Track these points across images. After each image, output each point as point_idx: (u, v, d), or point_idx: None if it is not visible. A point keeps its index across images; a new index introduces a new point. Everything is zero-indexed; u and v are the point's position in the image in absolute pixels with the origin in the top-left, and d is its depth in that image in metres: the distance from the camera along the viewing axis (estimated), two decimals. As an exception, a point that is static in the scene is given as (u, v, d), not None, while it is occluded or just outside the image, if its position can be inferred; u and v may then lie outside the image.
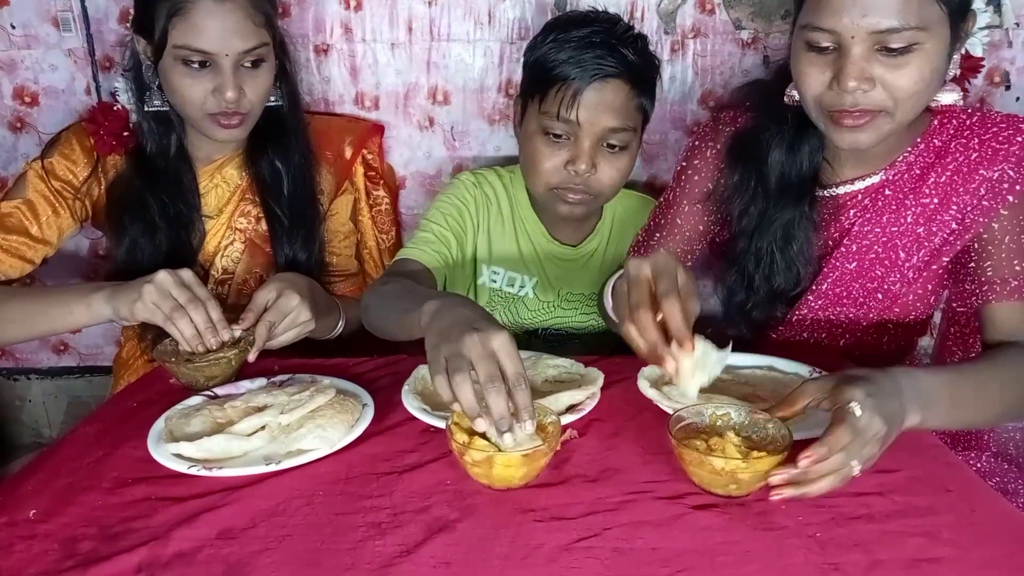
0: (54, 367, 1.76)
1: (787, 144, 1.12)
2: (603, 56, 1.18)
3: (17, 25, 1.50)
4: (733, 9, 1.48)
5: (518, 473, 0.77)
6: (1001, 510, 0.76)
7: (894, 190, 1.11)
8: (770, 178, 1.14)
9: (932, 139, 1.10)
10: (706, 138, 1.23)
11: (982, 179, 1.06)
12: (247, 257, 1.36)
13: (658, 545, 0.70)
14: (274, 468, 0.82)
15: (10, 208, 1.23)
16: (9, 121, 1.56)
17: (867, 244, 1.14)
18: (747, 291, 1.19)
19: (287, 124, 1.33)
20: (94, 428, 0.95)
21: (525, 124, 1.28)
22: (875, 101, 0.96)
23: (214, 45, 1.15)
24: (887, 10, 0.91)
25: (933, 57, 0.95)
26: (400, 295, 1.03)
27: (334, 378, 1.02)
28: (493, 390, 0.75)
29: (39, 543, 0.72)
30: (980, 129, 1.07)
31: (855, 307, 1.18)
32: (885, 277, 1.14)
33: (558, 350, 1.12)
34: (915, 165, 1.10)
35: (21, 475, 0.84)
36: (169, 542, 0.71)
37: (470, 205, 1.35)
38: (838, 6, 0.93)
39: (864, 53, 0.94)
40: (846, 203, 1.15)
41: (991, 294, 1.06)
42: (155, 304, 1.02)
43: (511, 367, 0.76)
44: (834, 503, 0.75)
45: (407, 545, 0.70)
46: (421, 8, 1.50)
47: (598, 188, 1.25)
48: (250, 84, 1.20)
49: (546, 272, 1.39)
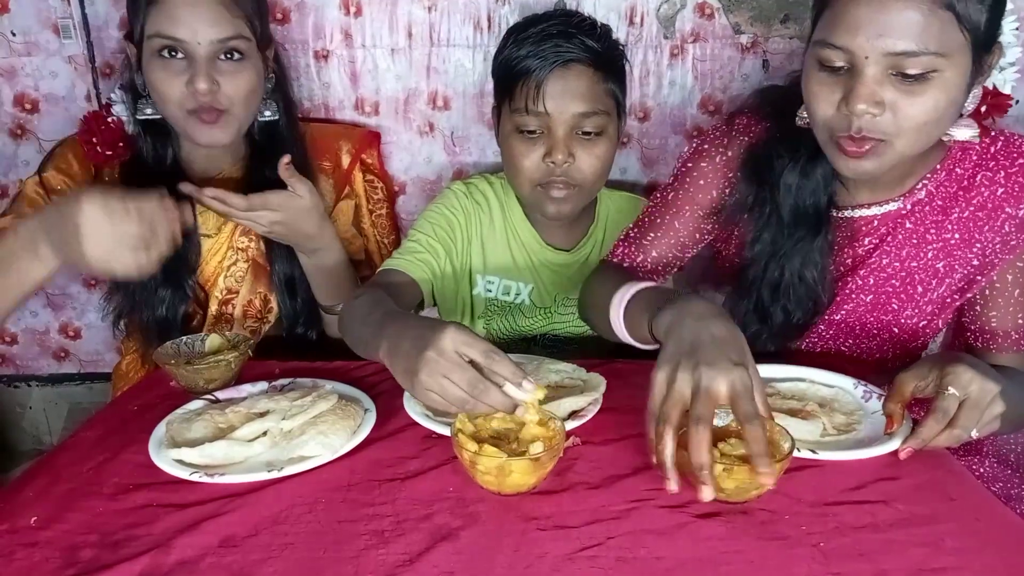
0: (54, 374, 1.76)
1: (800, 167, 1.06)
2: (560, 44, 1.19)
3: (17, 32, 1.50)
4: (732, 14, 1.48)
5: (531, 479, 0.77)
6: (1004, 518, 0.76)
7: (915, 223, 1.07)
8: (783, 204, 1.08)
9: (954, 167, 1.05)
10: (717, 142, 1.15)
11: (1007, 217, 1.02)
12: (251, 277, 1.35)
13: (662, 554, 0.70)
14: (276, 475, 0.82)
15: (7, 223, 1.17)
16: (9, 128, 1.56)
17: (885, 277, 1.10)
18: (760, 322, 1.13)
19: (284, 140, 1.32)
20: (94, 433, 0.95)
21: (501, 128, 1.29)
22: (880, 128, 0.91)
23: (186, 32, 1.14)
24: (905, 32, 0.86)
25: (950, 88, 0.89)
26: (364, 318, 1.00)
27: (336, 382, 1.03)
28: (482, 393, 0.79)
29: (40, 551, 0.72)
30: (1005, 160, 1.02)
31: (867, 338, 1.15)
32: (901, 311, 1.12)
33: (557, 356, 1.12)
34: (936, 196, 1.06)
35: (22, 481, 0.84)
36: (171, 550, 0.71)
37: (459, 215, 1.35)
38: (853, 24, 0.88)
39: (877, 75, 0.89)
40: (861, 228, 1.10)
41: (992, 344, 1.08)
42: None
43: (476, 351, 0.80)
44: (838, 512, 0.75)
45: (410, 554, 0.70)
46: (421, 13, 1.50)
47: (580, 178, 1.24)
48: (228, 79, 1.18)
49: (541, 278, 1.39)
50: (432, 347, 0.80)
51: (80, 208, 0.90)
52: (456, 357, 0.80)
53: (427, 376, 0.80)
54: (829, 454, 0.84)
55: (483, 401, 0.80)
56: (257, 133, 1.31)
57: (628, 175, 1.60)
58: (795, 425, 0.88)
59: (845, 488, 0.79)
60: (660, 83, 1.53)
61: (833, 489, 0.79)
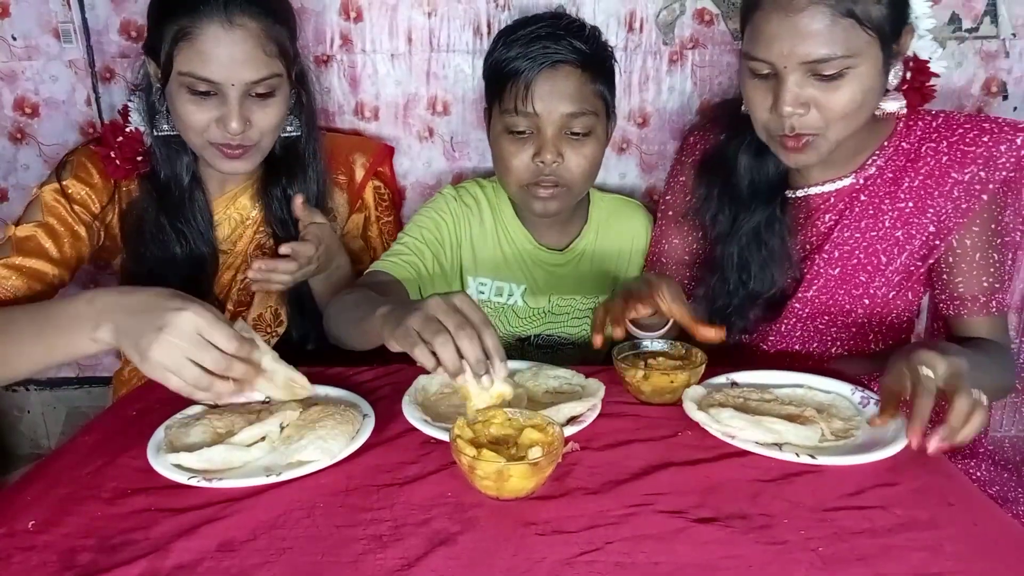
0: (53, 378, 1.75)
1: (754, 150, 1.17)
2: (548, 45, 1.20)
3: (18, 36, 1.50)
4: (731, 20, 1.48)
5: (529, 484, 0.78)
6: (1002, 523, 0.76)
7: (869, 195, 1.16)
8: (740, 184, 1.19)
9: (900, 142, 1.15)
10: (677, 165, 1.33)
11: (954, 182, 1.11)
12: (263, 293, 1.33)
13: (660, 559, 0.70)
14: (274, 479, 0.82)
15: (28, 231, 1.14)
16: (10, 132, 1.56)
17: (848, 249, 1.17)
18: (727, 295, 1.22)
19: (303, 155, 1.30)
20: (93, 437, 0.95)
21: (491, 129, 1.31)
22: (809, 125, 1.02)
23: (220, 74, 1.10)
24: (815, 42, 0.97)
25: (865, 79, 1.00)
26: (358, 303, 1.04)
27: (334, 387, 1.03)
28: (465, 336, 0.81)
29: (38, 554, 0.72)
30: (947, 131, 1.12)
31: (842, 314, 1.21)
32: (869, 282, 1.18)
33: (551, 357, 1.12)
34: (886, 169, 1.15)
35: (19, 485, 0.84)
36: (169, 554, 0.71)
37: (447, 217, 1.36)
38: (770, 38, 0.99)
39: (798, 79, 1.00)
40: (819, 205, 1.19)
41: (962, 309, 1.14)
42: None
43: (475, 316, 0.84)
44: (836, 517, 0.75)
45: (408, 559, 0.70)
46: (421, 19, 1.50)
47: (568, 178, 1.25)
48: (259, 115, 1.15)
49: (534, 278, 1.39)
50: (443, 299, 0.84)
51: (179, 314, 0.81)
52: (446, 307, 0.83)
53: (433, 330, 0.82)
54: (828, 459, 0.84)
55: (437, 349, 0.81)
56: (277, 148, 1.27)
57: (627, 180, 1.60)
58: (793, 430, 0.88)
59: (844, 493, 0.79)
60: (659, 89, 1.53)
61: (832, 494, 0.79)
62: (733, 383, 1.05)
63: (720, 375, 1.06)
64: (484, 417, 0.86)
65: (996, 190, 1.10)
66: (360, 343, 1.02)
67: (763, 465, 0.85)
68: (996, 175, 1.09)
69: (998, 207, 1.11)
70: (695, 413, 0.92)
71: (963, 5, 1.44)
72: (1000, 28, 1.45)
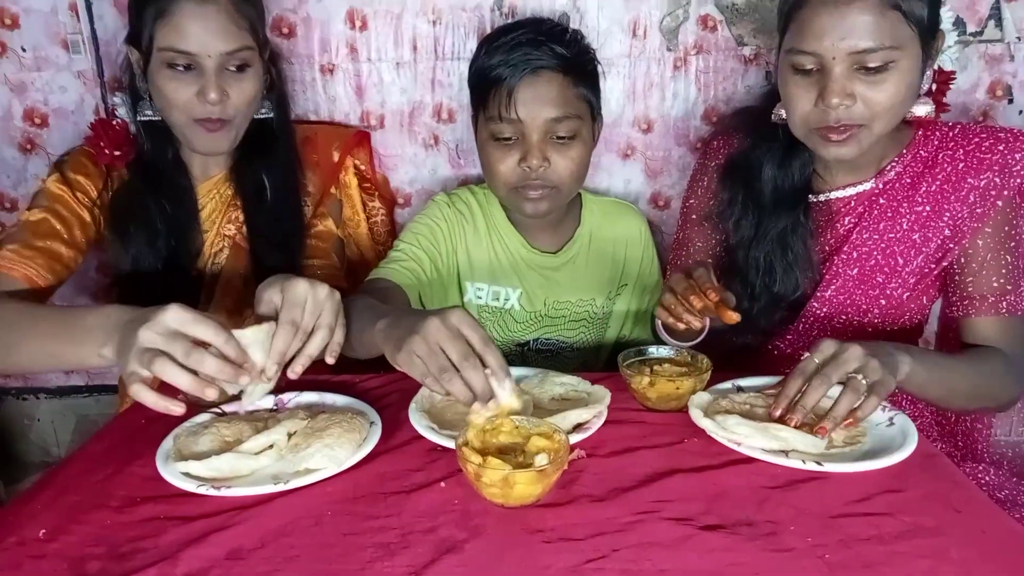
0: (62, 386, 1.76)
1: (778, 160, 1.22)
2: (530, 52, 1.22)
3: (27, 48, 1.52)
4: (735, 26, 1.49)
5: (535, 491, 0.78)
6: (1009, 529, 0.76)
7: (888, 199, 1.19)
8: (764, 192, 1.23)
9: (918, 150, 1.19)
10: (700, 169, 1.36)
11: (970, 187, 1.15)
12: (231, 258, 1.37)
13: (667, 567, 0.70)
14: (282, 488, 0.82)
15: (39, 216, 1.23)
16: (19, 142, 1.58)
17: (867, 251, 1.20)
18: (750, 299, 1.24)
19: (276, 137, 1.35)
20: (102, 446, 0.96)
21: (478, 135, 1.32)
22: (856, 116, 1.06)
23: (197, 46, 1.17)
24: (863, 32, 1.02)
25: (907, 73, 1.05)
26: (359, 315, 1.02)
27: (341, 395, 1.03)
28: (470, 367, 0.82)
29: (48, 563, 0.73)
30: (963, 140, 1.17)
31: (859, 314, 1.23)
32: (886, 283, 1.21)
33: (551, 362, 1.12)
34: (905, 175, 1.19)
35: (30, 494, 0.85)
36: (178, 562, 0.72)
37: (442, 224, 1.38)
38: (819, 31, 1.03)
39: (845, 72, 1.04)
40: (840, 209, 1.22)
41: (971, 308, 1.16)
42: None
43: (475, 336, 0.84)
44: (843, 524, 0.75)
45: (415, 566, 0.70)
46: (425, 27, 1.51)
47: (556, 180, 1.27)
48: (235, 88, 1.22)
49: (529, 281, 1.40)
50: (441, 322, 0.84)
51: (169, 306, 0.83)
52: (448, 332, 0.83)
53: (439, 366, 0.83)
54: (834, 466, 0.84)
55: (445, 386, 0.83)
56: (249, 129, 1.32)
57: (632, 186, 1.60)
58: (799, 437, 0.88)
59: (850, 500, 0.79)
60: (663, 95, 1.54)
61: (838, 501, 0.79)
62: (739, 388, 1.05)
63: (726, 380, 1.06)
64: (492, 425, 0.86)
65: (1011, 196, 1.14)
66: (362, 353, 1.03)
67: (769, 472, 0.85)
68: (1011, 182, 1.13)
69: (1012, 212, 1.15)
70: (701, 420, 0.92)
71: (967, 8, 1.44)
72: (1005, 32, 1.45)
